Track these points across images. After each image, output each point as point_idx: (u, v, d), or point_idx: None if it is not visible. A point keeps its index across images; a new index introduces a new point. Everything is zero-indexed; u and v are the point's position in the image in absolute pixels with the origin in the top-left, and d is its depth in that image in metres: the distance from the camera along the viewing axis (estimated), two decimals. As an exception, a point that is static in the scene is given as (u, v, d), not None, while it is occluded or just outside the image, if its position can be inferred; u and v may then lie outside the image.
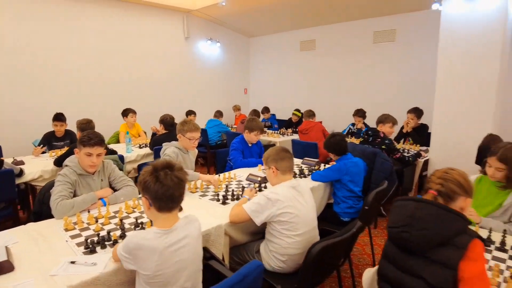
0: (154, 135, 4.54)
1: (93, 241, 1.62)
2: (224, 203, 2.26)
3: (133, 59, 6.42)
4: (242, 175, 2.97)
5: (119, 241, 1.64)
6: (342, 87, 6.91)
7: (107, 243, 1.64)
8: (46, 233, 1.75)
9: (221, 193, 2.43)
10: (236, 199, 2.32)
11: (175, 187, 1.35)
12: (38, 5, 5.15)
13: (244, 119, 3.71)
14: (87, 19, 5.72)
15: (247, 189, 2.34)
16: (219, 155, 3.73)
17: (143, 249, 1.29)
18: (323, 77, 7.24)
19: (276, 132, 5.95)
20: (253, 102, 8.77)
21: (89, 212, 1.99)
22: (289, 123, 6.59)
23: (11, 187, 2.88)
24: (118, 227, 1.83)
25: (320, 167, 3.21)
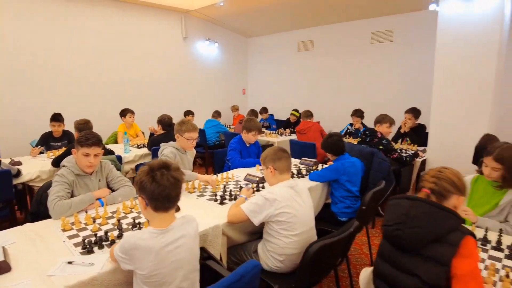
0: (152, 135, 4.53)
1: (91, 242, 1.61)
2: (222, 203, 2.26)
3: (131, 59, 6.41)
4: (240, 175, 2.97)
5: (117, 241, 1.64)
6: (340, 87, 6.92)
7: (104, 243, 1.64)
8: (44, 234, 1.74)
9: (219, 193, 2.43)
10: (233, 199, 2.32)
11: (172, 187, 1.35)
12: (37, 5, 5.14)
13: (242, 119, 3.71)
14: (85, 19, 5.70)
15: (244, 188, 2.35)
16: (217, 155, 3.73)
17: (139, 249, 1.29)
18: (321, 78, 7.25)
19: (274, 132, 5.95)
20: (251, 103, 8.76)
21: (86, 212, 1.99)
22: (287, 123, 6.60)
23: (8, 187, 2.87)
24: (116, 227, 1.83)
25: (318, 167, 3.22)
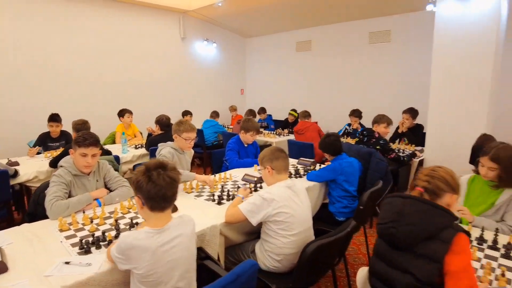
0: (150, 135, 4.52)
1: (88, 242, 1.61)
2: (219, 203, 2.26)
3: (129, 60, 6.40)
4: (238, 175, 2.97)
5: (114, 241, 1.64)
6: (338, 87, 6.93)
7: (102, 243, 1.63)
8: (41, 234, 1.74)
9: (217, 193, 2.43)
10: (231, 199, 2.32)
11: (168, 186, 1.36)
12: (36, 5, 5.13)
13: (241, 119, 3.72)
14: (84, 19, 5.69)
15: (241, 188, 2.35)
16: (215, 155, 3.72)
17: (135, 248, 1.29)
18: (319, 78, 7.26)
19: (272, 132, 5.96)
20: (250, 103, 8.77)
21: (84, 212, 1.99)
22: (286, 124, 6.60)
23: (5, 188, 2.86)
24: (113, 227, 1.83)
25: (315, 167, 3.23)
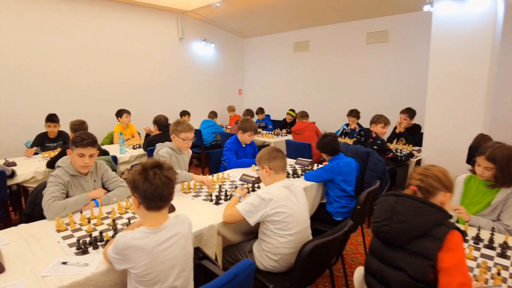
0: (147, 136, 4.52)
1: (85, 242, 1.61)
2: (217, 203, 2.26)
3: (127, 60, 6.39)
4: (235, 175, 2.97)
5: (110, 241, 1.63)
6: (336, 87, 6.94)
7: (99, 243, 1.63)
8: (38, 234, 1.74)
9: (214, 193, 2.44)
10: (229, 199, 2.32)
11: (164, 186, 1.36)
12: (32, 5, 5.12)
13: (239, 119, 3.71)
14: (81, 19, 5.68)
15: (238, 188, 2.35)
16: (213, 155, 3.72)
17: (131, 248, 1.29)
18: (317, 78, 7.27)
19: (270, 132, 5.96)
20: (248, 103, 8.77)
21: (81, 213, 1.98)
22: (284, 124, 6.61)
23: (2, 188, 2.86)
24: (111, 227, 1.83)
25: (313, 167, 3.23)
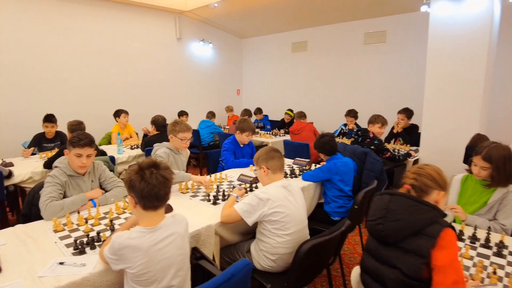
0: (145, 136, 4.52)
1: (83, 242, 1.61)
2: (215, 203, 2.26)
3: (125, 60, 6.38)
4: (233, 175, 2.98)
5: (105, 241, 1.62)
6: (334, 88, 6.95)
7: (96, 243, 1.63)
8: (35, 235, 1.73)
9: (212, 193, 2.44)
10: (227, 199, 2.32)
11: (160, 186, 1.36)
12: (29, 5, 5.10)
13: (237, 120, 3.72)
14: (78, 20, 5.67)
15: (236, 188, 2.35)
16: (211, 156, 3.72)
17: (128, 248, 1.29)
18: (315, 78, 7.28)
19: (268, 133, 5.97)
20: (246, 103, 8.77)
21: (79, 213, 1.99)
22: (282, 124, 6.62)
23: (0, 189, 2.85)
24: (108, 228, 1.83)
25: (311, 167, 3.24)
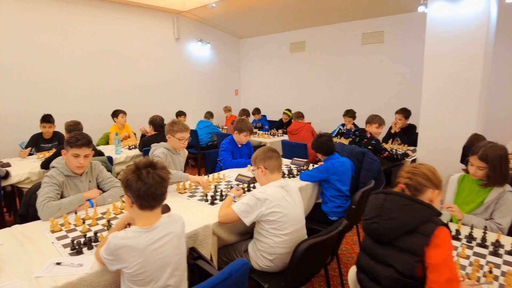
0: (143, 136, 4.51)
1: (80, 242, 1.60)
2: (212, 203, 2.26)
3: (123, 60, 6.37)
4: (231, 175, 2.98)
5: (99, 243, 1.61)
6: (332, 88, 6.97)
7: (94, 244, 1.63)
8: (32, 235, 1.73)
9: (210, 193, 2.44)
10: (224, 199, 2.32)
11: (157, 185, 1.36)
12: (27, 5, 5.09)
13: (235, 120, 3.73)
14: (77, 20, 5.66)
15: (234, 188, 2.36)
16: (209, 156, 3.72)
17: (124, 248, 1.29)
18: (313, 78, 7.29)
19: (266, 133, 5.98)
20: (244, 103, 8.77)
21: (76, 213, 1.98)
22: (280, 124, 6.62)
23: (-3, 189, 2.84)
24: (106, 228, 1.82)
25: (308, 167, 3.24)
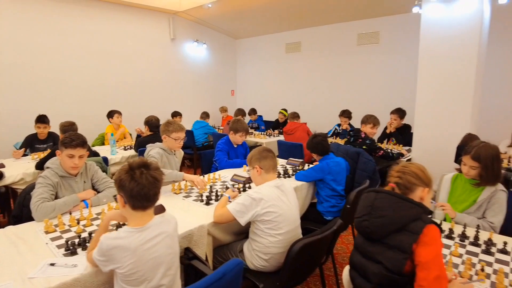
0: (139, 137, 4.50)
1: (74, 243, 1.60)
2: (207, 203, 2.27)
3: (118, 60, 6.35)
4: (227, 175, 2.98)
5: (89, 244, 1.58)
6: (328, 88, 6.99)
7: (88, 244, 1.62)
8: (26, 236, 1.72)
9: (205, 193, 2.44)
10: (220, 200, 2.32)
11: (150, 186, 1.36)
12: (22, 5, 5.06)
13: (231, 120, 3.74)
14: (72, 20, 5.63)
15: (229, 189, 2.36)
16: (205, 156, 3.72)
17: (117, 248, 1.29)
18: (309, 79, 7.31)
19: (262, 133, 5.98)
20: (240, 104, 8.77)
21: (70, 214, 1.97)
22: (276, 125, 6.64)
23: (-10, 190, 2.83)
24: (100, 228, 1.82)
25: (304, 167, 3.25)
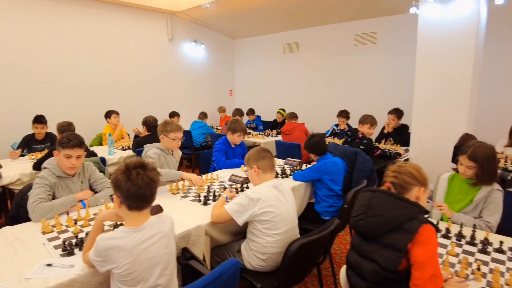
0: (136, 137, 4.49)
1: (71, 243, 1.60)
2: (205, 203, 2.27)
3: (116, 61, 6.35)
4: (224, 176, 2.98)
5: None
6: (326, 88, 7.00)
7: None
8: (23, 237, 1.72)
9: (203, 193, 2.44)
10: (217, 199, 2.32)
11: (146, 186, 1.36)
12: (19, 5, 5.04)
13: (229, 120, 3.74)
14: (70, 20, 5.62)
15: (227, 189, 2.36)
16: (203, 156, 3.72)
17: (113, 249, 1.29)
18: (306, 79, 7.32)
19: (260, 133, 5.99)
20: (238, 104, 8.76)
21: (68, 214, 1.97)
22: (274, 125, 6.64)
23: (-13, 191, 2.82)
24: (98, 229, 1.81)
25: (301, 167, 3.26)
